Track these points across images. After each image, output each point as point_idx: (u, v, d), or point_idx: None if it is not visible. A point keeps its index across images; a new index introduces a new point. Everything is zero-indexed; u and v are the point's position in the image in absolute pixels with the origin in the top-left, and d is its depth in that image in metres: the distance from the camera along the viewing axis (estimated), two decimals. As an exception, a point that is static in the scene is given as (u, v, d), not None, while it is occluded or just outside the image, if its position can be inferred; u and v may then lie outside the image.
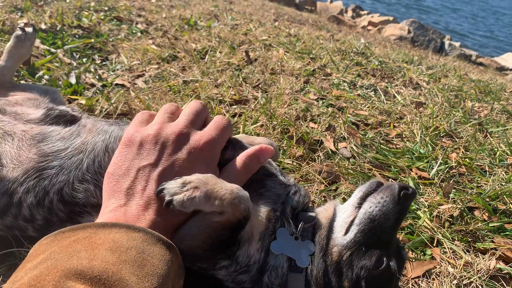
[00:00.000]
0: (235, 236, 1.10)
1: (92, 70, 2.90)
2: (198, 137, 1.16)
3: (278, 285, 1.19)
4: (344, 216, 1.28)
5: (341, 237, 1.23)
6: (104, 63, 3.12)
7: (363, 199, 1.28)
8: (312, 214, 1.33)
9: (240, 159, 1.23)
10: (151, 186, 1.05)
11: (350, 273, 1.17)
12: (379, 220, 1.22)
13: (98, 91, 2.59)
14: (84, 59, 3.04)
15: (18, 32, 1.94)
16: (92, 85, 2.67)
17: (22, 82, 2.40)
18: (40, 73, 2.58)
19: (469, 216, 2.04)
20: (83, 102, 2.35)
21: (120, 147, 1.13)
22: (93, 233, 0.87)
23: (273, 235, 1.22)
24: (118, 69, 3.02)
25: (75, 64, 2.92)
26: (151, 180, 1.05)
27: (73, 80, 2.60)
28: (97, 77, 2.79)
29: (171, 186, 1.03)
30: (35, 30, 2.02)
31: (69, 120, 1.40)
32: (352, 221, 1.25)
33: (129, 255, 0.84)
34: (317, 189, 2.00)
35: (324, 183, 2.06)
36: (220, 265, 1.11)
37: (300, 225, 1.27)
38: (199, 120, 1.22)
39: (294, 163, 2.19)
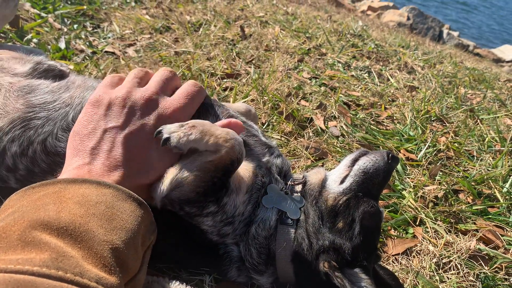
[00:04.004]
0: (226, 178, 1.13)
1: (83, 36, 2.85)
2: (167, 104, 1.15)
3: (264, 237, 1.24)
4: (337, 174, 1.37)
5: (336, 187, 1.32)
6: (95, 30, 3.06)
7: (355, 160, 1.38)
8: (300, 175, 1.40)
9: None
10: (118, 149, 1.03)
11: (347, 213, 1.25)
12: (371, 174, 1.33)
13: (87, 57, 2.54)
14: (75, 26, 2.97)
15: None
16: (82, 51, 2.62)
17: (10, 44, 2.35)
18: (29, 36, 2.53)
19: (453, 198, 2.05)
20: (72, 67, 2.31)
21: (87, 106, 1.10)
22: (63, 188, 0.86)
23: (263, 190, 1.28)
24: (109, 37, 2.97)
25: (65, 29, 2.86)
26: (117, 143, 1.04)
27: (62, 45, 2.55)
28: (87, 43, 2.74)
29: (170, 126, 1.07)
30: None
31: (58, 75, 1.38)
32: (347, 175, 1.35)
33: (98, 209, 0.83)
34: (304, 164, 1.99)
35: (310, 159, 2.05)
36: (208, 209, 1.13)
37: (289, 182, 1.35)
38: (169, 87, 1.21)
39: (283, 139, 2.18)
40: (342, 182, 1.33)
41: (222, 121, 1.22)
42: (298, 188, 1.35)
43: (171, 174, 1.07)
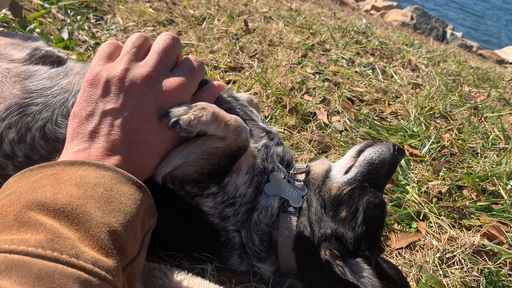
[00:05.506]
0: (232, 164, 1.12)
1: (86, 28, 2.83)
2: (168, 82, 1.07)
3: (266, 224, 1.22)
4: (342, 164, 1.35)
5: (340, 176, 1.31)
6: (98, 22, 3.04)
7: (361, 151, 1.37)
8: (304, 165, 1.39)
9: (198, 94, 1.19)
10: (117, 132, 0.99)
11: (351, 203, 1.24)
12: (376, 165, 1.32)
13: (90, 48, 2.53)
14: (78, 17, 2.95)
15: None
16: (85, 41, 2.61)
17: (7, 32, 2.34)
18: (32, 26, 2.51)
19: (457, 194, 2.03)
20: (74, 57, 2.29)
21: (85, 85, 1.05)
22: (61, 170, 0.84)
23: (265, 177, 1.26)
24: (112, 29, 2.95)
25: (68, 21, 2.84)
26: (116, 126, 1.00)
27: (65, 35, 2.53)
28: (90, 34, 2.72)
29: (177, 109, 1.02)
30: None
31: (56, 61, 1.36)
32: (352, 165, 1.33)
33: (96, 191, 0.81)
34: (307, 157, 1.98)
35: (314, 152, 2.03)
36: (209, 190, 1.12)
37: (292, 170, 1.34)
38: (170, 59, 1.11)
39: (286, 132, 2.16)
40: (346, 172, 1.32)
41: (207, 85, 1.20)
42: (301, 177, 1.33)
43: (178, 152, 1.06)
